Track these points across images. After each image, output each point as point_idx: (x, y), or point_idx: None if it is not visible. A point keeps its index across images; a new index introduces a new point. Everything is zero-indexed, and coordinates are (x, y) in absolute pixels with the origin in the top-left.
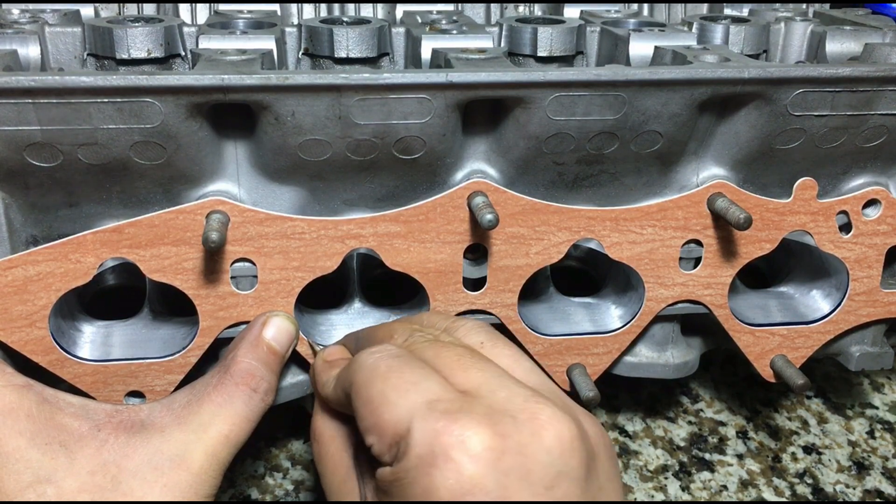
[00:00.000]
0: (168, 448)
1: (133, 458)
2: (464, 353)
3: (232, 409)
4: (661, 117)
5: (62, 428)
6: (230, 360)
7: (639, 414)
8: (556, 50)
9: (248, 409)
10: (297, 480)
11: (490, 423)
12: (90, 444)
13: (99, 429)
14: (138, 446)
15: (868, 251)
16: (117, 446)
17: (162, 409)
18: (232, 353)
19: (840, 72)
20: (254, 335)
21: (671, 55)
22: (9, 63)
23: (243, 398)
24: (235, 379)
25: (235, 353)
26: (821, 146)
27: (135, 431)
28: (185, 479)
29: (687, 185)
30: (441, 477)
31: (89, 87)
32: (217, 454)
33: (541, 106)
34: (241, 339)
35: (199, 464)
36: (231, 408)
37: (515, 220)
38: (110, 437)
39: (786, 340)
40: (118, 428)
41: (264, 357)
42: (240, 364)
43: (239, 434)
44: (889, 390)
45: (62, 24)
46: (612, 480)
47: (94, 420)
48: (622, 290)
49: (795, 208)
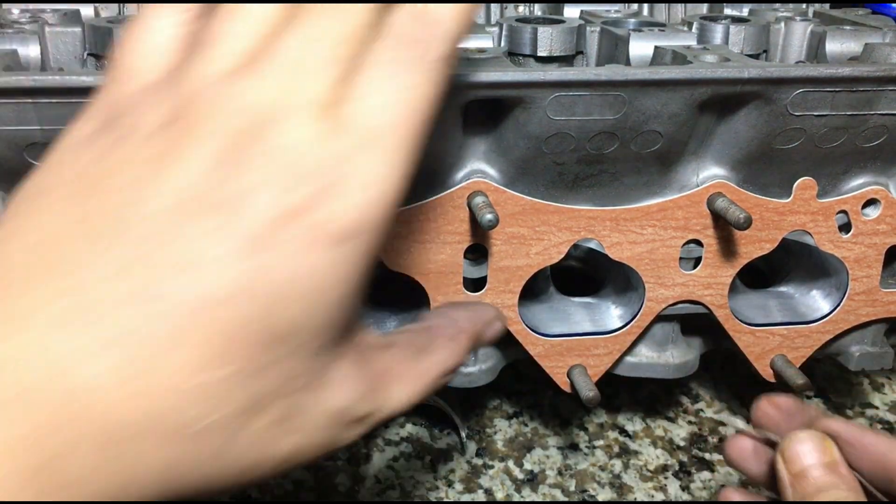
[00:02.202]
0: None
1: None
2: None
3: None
4: (661, 117)
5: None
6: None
7: (639, 414)
8: (556, 50)
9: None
10: (298, 480)
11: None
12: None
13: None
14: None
15: (868, 251)
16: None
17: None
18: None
19: (840, 72)
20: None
21: (671, 55)
22: (9, 63)
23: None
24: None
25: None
26: (820, 146)
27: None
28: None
29: (687, 184)
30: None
31: (89, 87)
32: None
33: (541, 106)
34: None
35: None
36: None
37: (515, 220)
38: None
39: (786, 340)
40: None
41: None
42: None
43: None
44: (889, 390)
45: (62, 23)
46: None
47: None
48: (622, 290)
49: (795, 208)
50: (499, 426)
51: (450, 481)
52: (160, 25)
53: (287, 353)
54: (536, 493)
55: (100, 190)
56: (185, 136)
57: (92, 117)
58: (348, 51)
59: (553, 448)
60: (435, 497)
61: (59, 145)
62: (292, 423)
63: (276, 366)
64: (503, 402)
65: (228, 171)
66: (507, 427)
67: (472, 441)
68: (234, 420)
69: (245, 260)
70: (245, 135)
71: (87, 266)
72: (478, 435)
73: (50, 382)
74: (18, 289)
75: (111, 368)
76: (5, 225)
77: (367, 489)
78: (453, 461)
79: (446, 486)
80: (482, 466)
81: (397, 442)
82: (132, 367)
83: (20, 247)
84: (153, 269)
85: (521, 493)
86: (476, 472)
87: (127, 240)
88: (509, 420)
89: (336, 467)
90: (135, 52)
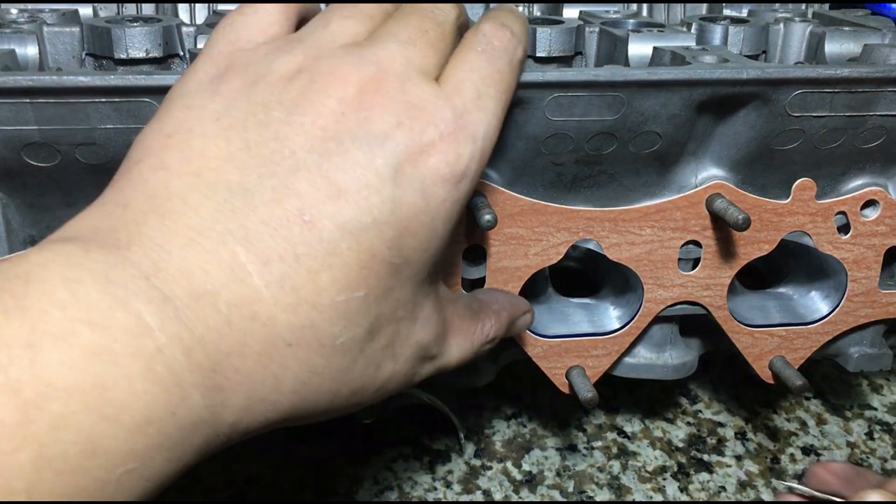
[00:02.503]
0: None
1: None
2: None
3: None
4: (660, 118)
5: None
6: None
7: (637, 415)
8: (554, 50)
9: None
10: (298, 481)
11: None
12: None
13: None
14: None
15: (866, 252)
16: None
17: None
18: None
19: (839, 73)
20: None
21: (670, 56)
22: (7, 63)
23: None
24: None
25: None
26: (819, 147)
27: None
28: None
29: (685, 185)
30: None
31: (87, 87)
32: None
33: (539, 106)
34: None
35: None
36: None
37: (514, 221)
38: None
39: (784, 341)
40: None
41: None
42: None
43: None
44: (888, 391)
45: (60, 23)
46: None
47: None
48: (621, 291)
49: (794, 209)
50: (497, 427)
51: (448, 482)
52: (266, 10)
53: (402, 281)
54: (535, 494)
55: (246, 127)
56: (316, 83)
57: (206, 66)
58: (444, 42)
59: (551, 449)
60: (433, 498)
61: (180, 91)
62: (393, 350)
63: (393, 292)
64: (502, 403)
65: (360, 114)
66: (505, 428)
67: (471, 442)
68: (360, 339)
69: (386, 190)
70: (370, 85)
71: (248, 191)
72: (476, 436)
73: (224, 290)
74: (189, 209)
75: (272, 282)
76: (154, 157)
77: (366, 490)
78: (452, 462)
79: (444, 487)
80: (480, 467)
81: (395, 443)
82: (290, 282)
83: (181, 173)
84: (306, 196)
85: (520, 494)
86: (474, 473)
87: (280, 170)
88: (508, 421)
89: (335, 468)
90: (245, 21)
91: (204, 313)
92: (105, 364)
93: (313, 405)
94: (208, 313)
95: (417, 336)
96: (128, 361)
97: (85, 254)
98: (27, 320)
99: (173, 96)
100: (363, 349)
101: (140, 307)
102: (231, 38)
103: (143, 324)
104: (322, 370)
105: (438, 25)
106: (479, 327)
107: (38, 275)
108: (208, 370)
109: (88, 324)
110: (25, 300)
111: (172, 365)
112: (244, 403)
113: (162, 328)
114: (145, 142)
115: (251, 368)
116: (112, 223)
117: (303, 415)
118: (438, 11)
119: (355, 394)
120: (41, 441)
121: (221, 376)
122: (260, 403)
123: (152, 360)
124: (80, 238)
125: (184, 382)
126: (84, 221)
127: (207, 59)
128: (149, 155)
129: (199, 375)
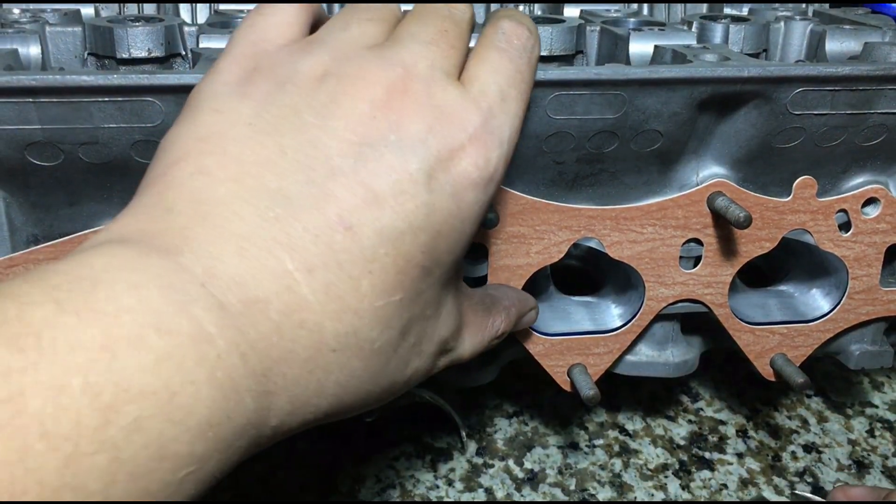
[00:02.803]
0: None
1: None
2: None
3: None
4: (661, 116)
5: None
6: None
7: (639, 413)
8: (556, 49)
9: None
10: (302, 480)
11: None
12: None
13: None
14: None
15: (867, 249)
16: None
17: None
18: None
19: (840, 71)
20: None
21: (671, 54)
22: (10, 62)
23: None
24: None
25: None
26: (820, 145)
27: None
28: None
29: (687, 183)
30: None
31: (90, 87)
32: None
33: (541, 105)
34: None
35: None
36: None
37: (516, 220)
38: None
39: (785, 339)
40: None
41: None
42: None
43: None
44: (889, 389)
45: (63, 23)
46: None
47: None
48: (622, 289)
49: (795, 207)
50: (499, 425)
51: (450, 480)
52: (285, 11)
53: (432, 283)
54: (537, 492)
55: (280, 132)
56: (344, 85)
57: (232, 68)
58: (462, 41)
59: (553, 447)
60: (435, 496)
61: (208, 93)
62: (420, 347)
63: (424, 294)
64: (503, 401)
65: (390, 117)
66: (507, 426)
67: (473, 440)
68: (394, 341)
69: (421, 196)
70: (397, 88)
71: (288, 198)
72: (478, 434)
73: (275, 298)
74: (234, 216)
75: (318, 290)
76: (191, 161)
77: (368, 488)
78: (454, 460)
79: (446, 485)
80: (482, 465)
81: (398, 441)
82: (335, 289)
83: (222, 179)
84: (344, 202)
85: (522, 492)
86: (476, 471)
87: (317, 176)
88: (509, 419)
89: (338, 466)
90: (265, 22)
91: (256, 320)
92: (173, 369)
93: (348, 406)
94: (260, 320)
95: (440, 332)
96: (192, 367)
97: (144, 259)
98: (100, 325)
99: (201, 98)
100: (396, 350)
101: (200, 314)
102: (253, 39)
103: (203, 331)
104: (360, 373)
105: (457, 25)
106: (491, 322)
107: (104, 279)
108: (260, 375)
109: (157, 329)
110: (96, 304)
111: (230, 371)
112: (288, 407)
113: (221, 335)
114: (179, 143)
115: (298, 374)
116: (158, 227)
117: (337, 414)
118: (455, 10)
119: (385, 392)
120: (117, 444)
121: (271, 382)
122: (303, 407)
123: (214, 367)
124: (131, 241)
125: (239, 387)
126: (129, 223)
127: (231, 61)
128: (184, 158)
129: (252, 381)
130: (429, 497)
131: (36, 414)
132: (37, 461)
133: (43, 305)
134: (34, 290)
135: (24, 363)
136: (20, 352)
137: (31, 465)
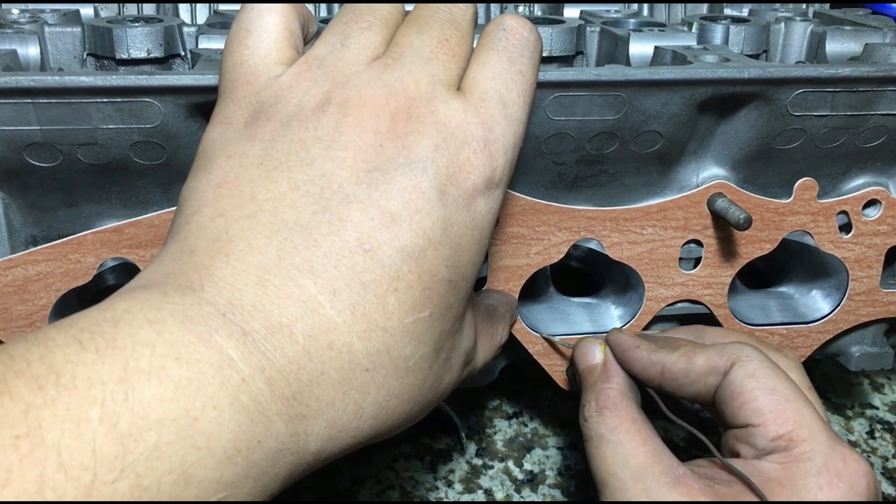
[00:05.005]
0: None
1: None
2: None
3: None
4: (661, 117)
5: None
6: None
7: None
8: (555, 50)
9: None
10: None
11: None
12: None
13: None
14: None
15: (868, 251)
16: None
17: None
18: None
19: (840, 72)
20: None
21: (671, 55)
22: (8, 63)
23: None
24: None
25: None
26: (821, 146)
27: None
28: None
29: (687, 185)
30: (836, 492)
31: (89, 87)
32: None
33: (540, 106)
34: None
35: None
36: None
37: (515, 220)
38: None
39: (785, 340)
40: None
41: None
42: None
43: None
44: (889, 390)
45: (62, 23)
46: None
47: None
48: (622, 290)
49: (795, 208)
50: (498, 426)
51: (449, 481)
52: (267, 34)
53: (458, 297)
54: (536, 493)
55: (290, 167)
56: (348, 115)
57: (237, 113)
58: (464, 46)
59: (553, 448)
60: (435, 497)
61: (219, 141)
62: (450, 362)
63: (452, 308)
64: (503, 402)
65: (397, 142)
66: (506, 427)
67: (472, 441)
68: (429, 357)
69: (435, 212)
70: (401, 113)
71: (305, 227)
72: (477, 435)
73: (299, 321)
74: (252, 248)
75: (344, 310)
76: (210, 207)
77: (367, 489)
78: (453, 461)
79: (446, 486)
80: (482, 467)
81: (397, 442)
82: (360, 309)
83: (237, 217)
84: (361, 226)
85: (521, 493)
86: (476, 472)
87: (332, 204)
88: (509, 420)
89: (336, 468)
90: (251, 53)
91: (282, 344)
92: (193, 395)
93: (389, 427)
94: (286, 344)
95: (465, 345)
96: (214, 392)
97: (163, 297)
98: (119, 359)
99: (214, 147)
100: (431, 366)
101: (221, 341)
102: (248, 77)
103: (225, 356)
104: (399, 392)
105: (458, 29)
106: (496, 331)
107: (125, 318)
108: (290, 399)
109: (175, 359)
110: (116, 341)
111: (256, 395)
112: (327, 432)
113: (244, 360)
114: (197, 193)
115: (332, 396)
116: (181, 267)
117: (378, 437)
118: (457, 12)
119: (423, 410)
120: (138, 471)
121: (303, 405)
122: (343, 431)
123: (237, 391)
124: (154, 284)
125: (268, 412)
126: (155, 270)
127: (234, 106)
128: (203, 206)
129: (282, 404)
130: (428, 498)
131: (53, 445)
132: (56, 492)
133: (65, 347)
134: (60, 335)
135: (43, 399)
136: (40, 389)
137: (51, 496)
